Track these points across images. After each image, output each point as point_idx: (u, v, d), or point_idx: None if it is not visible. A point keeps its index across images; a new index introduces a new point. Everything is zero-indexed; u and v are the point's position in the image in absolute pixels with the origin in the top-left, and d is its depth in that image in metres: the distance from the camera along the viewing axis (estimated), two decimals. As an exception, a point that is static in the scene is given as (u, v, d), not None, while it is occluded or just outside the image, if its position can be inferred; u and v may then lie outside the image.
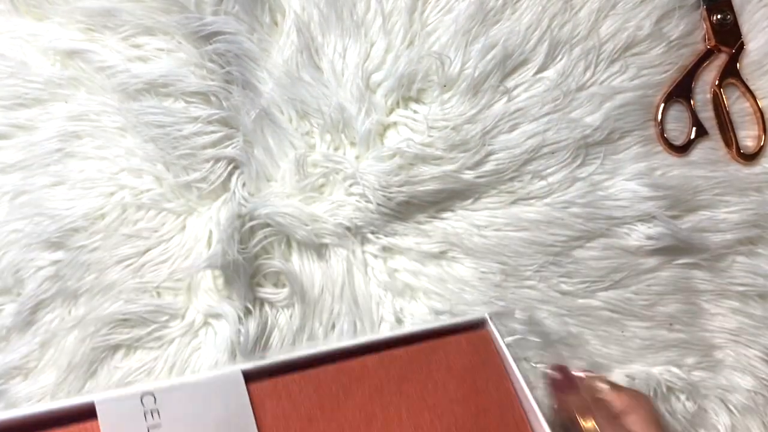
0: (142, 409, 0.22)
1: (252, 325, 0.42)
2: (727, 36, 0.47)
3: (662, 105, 0.46)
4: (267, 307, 0.43)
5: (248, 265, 0.42)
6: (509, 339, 0.38)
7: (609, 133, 0.45)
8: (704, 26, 0.47)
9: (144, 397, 0.22)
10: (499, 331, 0.33)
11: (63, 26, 0.45)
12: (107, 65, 0.44)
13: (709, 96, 0.47)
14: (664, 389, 0.44)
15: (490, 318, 0.34)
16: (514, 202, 0.44)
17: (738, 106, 0.47)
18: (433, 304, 0.43)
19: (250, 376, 0.24)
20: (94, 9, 0.43)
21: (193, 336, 0.43)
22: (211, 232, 0.43)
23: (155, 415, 0.22)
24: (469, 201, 0.44)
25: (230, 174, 0.44)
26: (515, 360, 0.33)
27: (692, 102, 0.46)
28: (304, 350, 0.26)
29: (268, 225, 0.43)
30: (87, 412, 0.21)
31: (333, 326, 0.43)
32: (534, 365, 0.40)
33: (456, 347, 0.31)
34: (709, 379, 0.45)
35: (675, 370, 0.44)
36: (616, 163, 0.45)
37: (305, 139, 0.45)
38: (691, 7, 0.47)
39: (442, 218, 0.44)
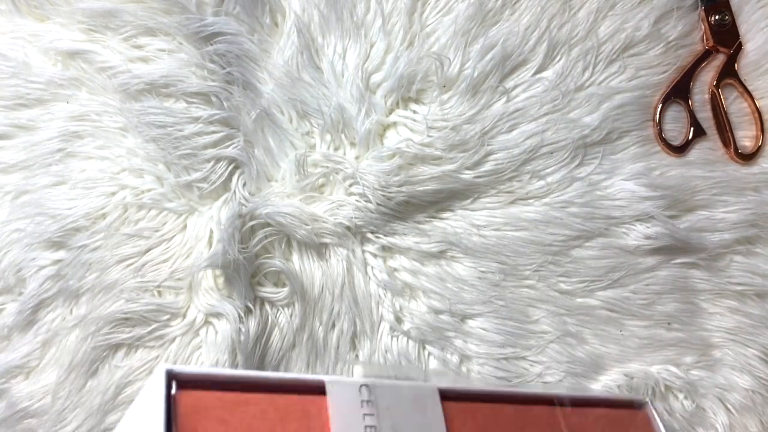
0: (359, 398, 0.24)
1: (252, 324, 0.42)
2: (725, 36, 0.47)
3: (660, 105, 0.46)
4: (267, 307, 0.43)
5: (249, 265, 0.43)
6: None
7: (607, 133, 0.45)
8: (702, 27, 0.47)
9: (362, 387, 0.24)
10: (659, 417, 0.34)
11: (64, 27, 0.45)
12: (108, 66, 0.44)
13: (707, 96, 0.47)
14: (663, 388, 0.44)
15: (652, 402, 0.34)
16: (512, 202, 0.44)
17: (736, 106, 0.47)
18: (432, 303, 0.44)
19: (444, 395, 0.26)
20: (96, 10, 0.44)
21: (194, 335, 0.43)
22: (211, 231, 0.44)
23: (369, 405, 0.24)
24: (468, 201, 0.45)
25: (231, 174, 0.44)
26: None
27: (690, 102, 0.47)
28: (490, 386, 0.30)
29: (268, 224, 0.43)
30: (317, 389, 0.24)
31: (333, 325, 0.44)
32: None
33: (619, 420, 0.32)
34: (707, 378, 0.45)
35: (673, 369, 0.45)
36: (615, 163, 0.45)
37: (305, 140, 0.45)
38: (690, 7, 0.47)
39: (442, 218, 0.45)
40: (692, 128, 0.46)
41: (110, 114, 0.44)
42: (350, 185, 0.44)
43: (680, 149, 0.46)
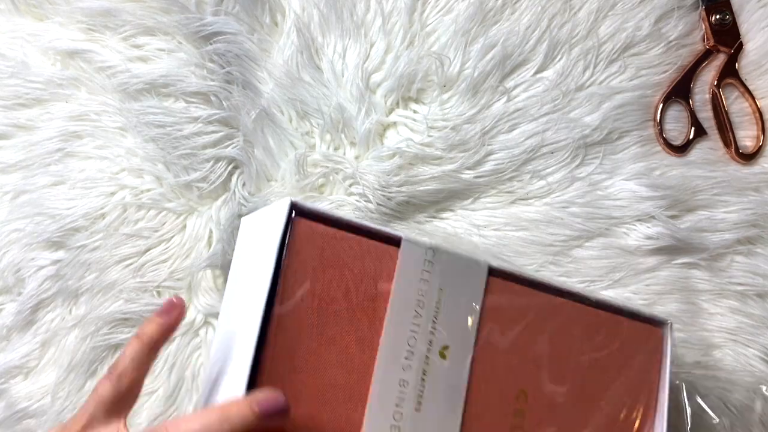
0: (424, 256, 0.30)
1: (252, 324, 0.42)
2: (726, 36, 0.47)
3: (661, 105, 0.46)
4: (267, 307, 0.43)
5: (248, 265, 0.42)
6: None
7: (608, 133, 0.45)
8: (703, 26, 0.47)
9: (428, 250, 0.30)
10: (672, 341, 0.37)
11: (64, 26, 0.45)
12: (108, 65, 0.44)
13: (707, 96, 0.47)
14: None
15: (671, 325, 0.37)
16: (513, 202, 0.44)
17: (737, 106, 0.47)
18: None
19: (492, 271, 0.32)
20: (95, 9, 0.44)
21: (193, 335, 0.43)
22: (211, 231, 0.44)
23: (429, 263, 0.30)
24: (469, 201, 0.44)
25: (230, 174, 0.44)
26: (671, 371, 0.37)
27: (691, 102, 0.46)
28: (532, 274, 0.34)
29: (268, 224, 0.43)
30: (393, 241, 0.30)
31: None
32: None
33: (632, 330, 0.36)
34: (708, 378, 0.45)
35: (674, 369, 0.44)
36: (615, 162, 0.45)
37: (305, 139, 0.45)
38: (690, 7, 0.47)
39: (442, 218, 0.45)
40: (693, 128, 0.46)
41: (109, 114, 0.44)
42: (350, 185, 0.44)
43: (681, 149, 0.46)
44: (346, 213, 0.43)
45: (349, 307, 0.29)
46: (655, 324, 0.37)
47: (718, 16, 0.47)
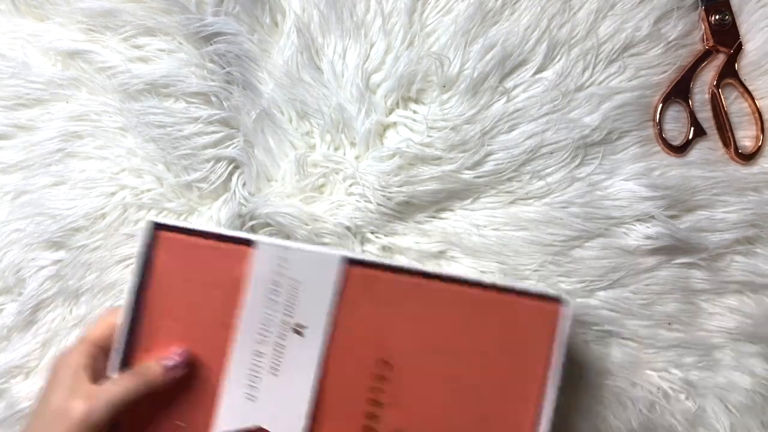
0: (277, 254, 0.35)
1: (252, 324, 0.42)
2: (726, 36, 0.47)
3: (660, 105, 0.46)
4: (267, 307, 0.43)
5: (248, 265, 0.42)
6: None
7: (607, 134, 0.45)
8: (702, 27, 0.47)
9: (280, 249, 0.35)
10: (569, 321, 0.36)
11: (64, 27, 0.45)
12: (108, 66, 0.44)
13: (707, 96, 0.47)
14: (666, 388, 0.44)
15: (568, 302, 0.36)
16: (513, 202, 0.44)
17: (736, 106, 0.47)
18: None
19: (352, 261, 0.36)
20: (95, 10, 0.44)
21: (193, 335, 0.43)
22: (211, 231, 0.44)
23: (283, 260, 0.35)
24: (469, 201, 0.45)
25: (231, 174, 0.44)
26: (564, 348, 0.36)
27: (690, 102, 0.46)
28: (401, 262, 0.38)
29: (268, 224, 0.43)
30: (249, 242, 0.36)
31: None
32: None
33: (524, 309, 0.36)
34: (708, 378, 0.45)
35: (674, 370, 0.44)
36: (615, 163, 0.45)
37: (305, 140, 0.45)
38: (690, 7, 0.47)
39: (442, 218, 0.45)
40: (692, 128, 0.46)
41: (110, 114, 0.44)
42: (350, 185, 0.44)
43: (680, 149, 0.46)
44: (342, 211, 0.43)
45: (212, 295, 0.35)
46: (551, 301, 0.36)
47: (717, 17, 0.47)
